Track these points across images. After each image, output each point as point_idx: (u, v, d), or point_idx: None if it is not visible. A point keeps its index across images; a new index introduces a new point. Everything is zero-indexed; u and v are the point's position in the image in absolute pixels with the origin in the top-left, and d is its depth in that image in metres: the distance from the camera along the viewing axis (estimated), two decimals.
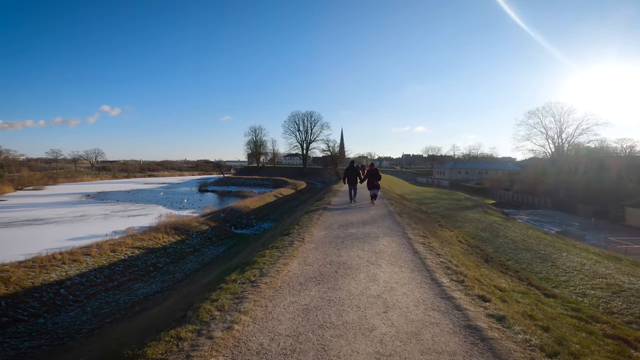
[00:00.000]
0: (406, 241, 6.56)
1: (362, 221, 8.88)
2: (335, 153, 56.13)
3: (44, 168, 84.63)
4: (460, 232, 11.82)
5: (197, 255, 16.46)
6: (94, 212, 35.85)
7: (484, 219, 16.05)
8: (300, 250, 5.88)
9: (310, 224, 8.52)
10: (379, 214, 10.20)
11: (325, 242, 6.52)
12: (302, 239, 6.70)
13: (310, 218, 9.50)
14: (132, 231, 22.20)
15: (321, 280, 4.37)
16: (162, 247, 15.92)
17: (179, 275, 13.91)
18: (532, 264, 8.58)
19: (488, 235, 12.26)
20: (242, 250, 15.51)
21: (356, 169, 12.98)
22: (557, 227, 26.06)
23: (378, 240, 6.63)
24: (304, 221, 9.01)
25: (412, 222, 8.93)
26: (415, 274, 4.60)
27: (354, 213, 10.40)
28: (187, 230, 18.96)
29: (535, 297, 4.40)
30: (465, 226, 14.02)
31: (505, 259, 8.74)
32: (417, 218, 11.16)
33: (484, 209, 22.21)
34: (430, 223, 11.73)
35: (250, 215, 27.63)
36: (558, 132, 40.75)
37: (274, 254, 5.63)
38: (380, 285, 4.23)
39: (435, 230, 10.17)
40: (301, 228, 8.01)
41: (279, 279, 4.40)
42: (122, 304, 11.10)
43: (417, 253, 5.69)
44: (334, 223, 8.59)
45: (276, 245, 6.45)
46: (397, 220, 8.84)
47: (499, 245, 10.85)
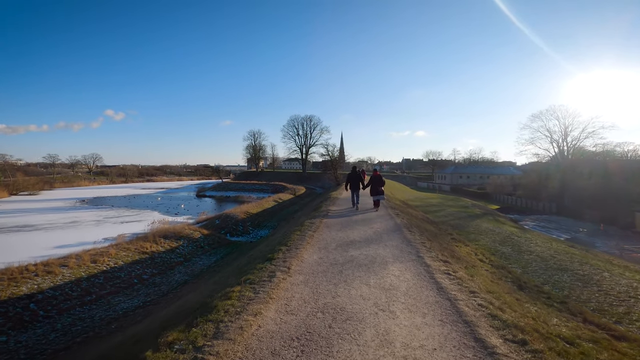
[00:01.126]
0: (424, 269, 5.14)
1: (365, 238, 7.43)
2: (334, 158, 55.15)
3: (41, 173, 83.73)
4: (478, 247, 10.62)
5: (187, 266, 15.45)
6: (86, 218, 34.87)
7: (498, 230, 14.82)
8: (283, 287, 4.41)
9: (302, 243, 7.06)
10: (385, 227, 8.78)
11: (318, 271, 5.09)
12: (288, 268, 5.24)
13: (302, 234, 8.06)
14: (122, 238, 21.26)
15: (307, 346, 2.91)
16: (149, 257, 14.93)
17: (165, 288, 12.91)
18: (573, 288, 7.14)
19: (510, 251, 10.95)
20: (231, 262, 14.53)
21: (359, 174, 12.58)
22: (565, 234, 25.04)
23: (387, 268, 5.18)
24: (294, 239, 7.46)
25: (424, 239, 7.54)
26: (448, 329, 3.17)
27: (356, 227, 8.87)
28: (178, 238, 17.97)
29: (608, 345, 3.39)
30: (480, 239, 12.77)
31: (540, 283, 7.41)
32: (428, 232, 9.70)
33: (494, 217, 21.07)
34: (443, 237, 10.41)
35: (247, 222, 26.64)
36: (563, 136, 39.87)
37: (244, 295, 4.12)
38: (397, 352, 2.82)
39: (451, 246, 8.79)
40: (289, 250, 6.52)
41: (240, 344, 2.93)
42: (98, 321, 10.10)
43: (442, 290, 4.23)
44: (331, 241, 7.14)
45: (251, 277, 4.89)
46: (407, 237, 7.44)
47: (526, 263, 9.65)
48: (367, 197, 15.37)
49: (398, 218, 10.43)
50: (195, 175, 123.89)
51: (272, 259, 5.97)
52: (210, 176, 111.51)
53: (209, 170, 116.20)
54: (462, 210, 22.41)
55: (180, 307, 6.29)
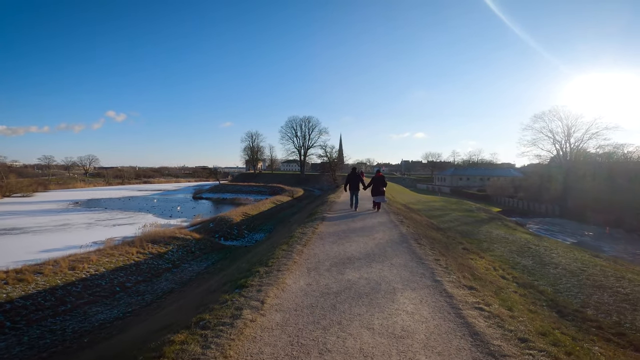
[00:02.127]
0: (445, 301, 3.87)
1: (365, 253, 6.15)
2: (332, 159, 54.30)
3: (36, 174, 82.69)
4: (495, 259, 9.55)
5: (175, 273, 14.55)
6: (77, 220, 33.91)
7: (512, 237, 13.67)
8: (248, 335, 3.08)
9: (288, 261, 5.65)
10: (389, 238, 7.52)
11: (302, 306, 3.78)
12: (262, 302, 3.84)
13: (290, 249, 6.62)
14: (111, 242, 20.39)
15: None
16: (134, 264, 14.02)
17: (148, 297, 12.01)
18: (623, 312, 5.67)
19: (531, 264, 9.66)
20: (225, 268, 13.67)
21: (358, 175, 12.37)
22: (571, 238, 24.25)
23: (396, 300, 3.94)
24: (278, 256, 6.08)
25: (437, 254, 6.33)
26: None
27: (354, 238, 7.55)
28: (167, 243, 17.07)
29: None
30: (494, 248, 11.56)
31: (580, 305, 6.16)
32: (439, 244, 8.42)
33: (502, 222, 20.06)
34: (455, 248, 9.37)
35: (242, 226, 25.76)
36: (566, 137, 39.14)
37: (187, 351, 2.76)
38: None
39: (466, 261, 7.58)
40: (269, 272, 5.08)
41: None
42: (70, 333, 9.23)
43: (478, 337, 3.02)
44: (324, 259, 5.82)
45: (207, 318, 3.48)
46: (416, 252, 6.24)
47: (554, 279, 8.39)
48: (365, 200, 14.76)
49: (403, 226, 9.26)
50: (193, 177, 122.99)
51: (243, 286, 4.52)
52: (208, 178, 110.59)
53: (206, 172, 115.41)
54: (467, 215, 21.38)
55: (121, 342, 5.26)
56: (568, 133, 38.79)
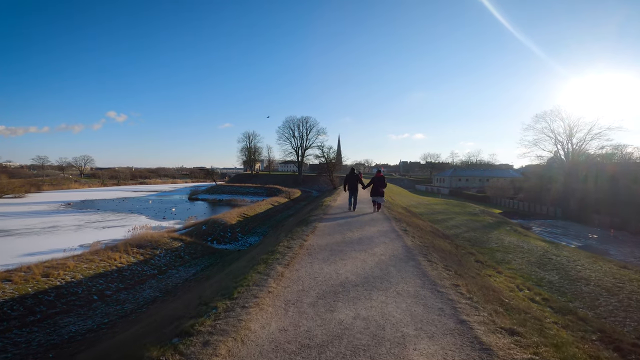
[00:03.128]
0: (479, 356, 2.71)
1: (364, 277, 4.89)
2: (330, 160, 53.36)
3: (29, 175, 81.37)
4: (514, 274, 8.40)
5: (161, 280, 13.65)
6: (67, 222, 32.88)
7: (526, 246, 12.51)
8: None
9: (261, 291, 4.29)
10: (392, 253, 6.35)
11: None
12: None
13: (267, 271, 5.19)
14: (98, 245, 19.50)
15: None
16: (116, 270, 13.12)
17: (128, 306, 11.11)
18: None
19: (558, 279, 8.46)
20: (212, 275, 12.79)
21: (357, 176, 12.40)
22: (575, 241, 23.53)
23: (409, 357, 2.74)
24: (251, 281, 4.69)
25: (453, 275, 5.17)
26: None
27: (350, 253, 6.32)
28: (155, 247, 16.17)
29: None
30: (511, 260, 10.31)
31: (635, 337, 5.05)
32: (451, 259, 7.18)
33: (511, 227, 18.99)
34: (467, 261, 8.22)
35: (236, 228, 24.85)
36: (568, 137, 38.42)
37: None
38: None
39: (482, 278, 6.49)
40: (231, 309, 3.69)
41: None
42: (35, 347, 8.35)
43: None
44: (311, 286, 4.52)
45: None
46: (427, 273, 5.04)
47: (590, 300, 7.05)
48: (365, 203, 14.13)
49: (407, 237, 8.04)
50: (190, 178, 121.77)
51: (186, 333, 3.14)
52: (205, 179, 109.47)
53: (203, 172, 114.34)
54: (472, 219, 20.46)
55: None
56: (570, 133, 38.13)
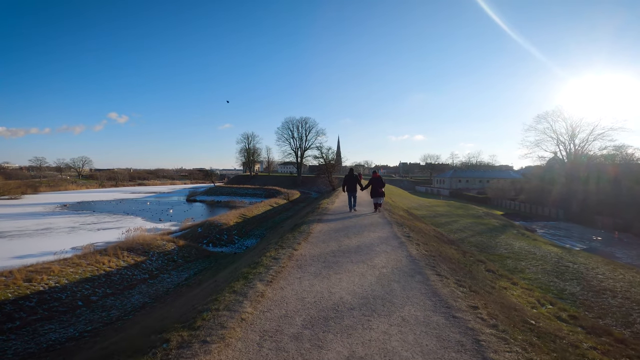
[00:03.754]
0: None
1: (362, 297, 4.00)
2: (329, 160, 52.78)
3: (26, 176, 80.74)
4: (531, 284, 7.49)
5: (151, 284, 13.10)
6: (61, 224, 32.30)
7: (538, 252, 11.61)
8: None
9: (232, 317, 3.37)
10: (395, 265, 5.42)
11: None
12: None
13: (246, 288, 4.25)
14: (90, 248, 18.96)
15: None
16: (104, 274, 12.57)
17: (115, 312, 10.57)
18: None
19: (580, 290, 7.59)
20: (204, 280, 12.25)
21: (356, 177, 12.52)
22: (579, 243, 22.99)
23: None
24: (222, 304, 3.75)
25: (467, 292, 4.37)
26: None
27: (346, 266, 5.36)
28: (146, 251, 15.62)
29: None
30: (523, 267, 9.45)
31: None
32: (462, 270, 6.35)
33: (518, 230, 18.23)
34: (477, 270, 7.32)
35: (232, 231, 24.29)
36: (570, 138, 37.90)
37: None
38: None
39: (499, 292, 5.66)
40: (187, 345, 2.82)
41: None
42: (10, 356, 7.85)
43: None
44: (296, 310, 3.62)
45: None
46: (438, 291, 4.17)
47: (622, 315, 6.20)
48: (363, 206, 13.83)
49: (411, 244, 7.13)
50: (189, 179, 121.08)
51: None
52: (204, 180, 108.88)
53: (202, 174, 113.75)
54: (477, 222, 19.79)
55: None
56: (572, 134, 37.62)
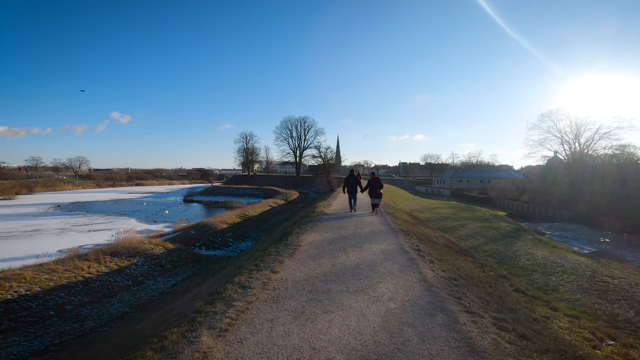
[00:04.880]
0: None
1: (362, 357, 2.54)
2: (327, 160, 51.76)
3: (21, 176, 79.73)
4: (572, 308, 6.16)
5: (134, 292, 12.16)
6: (51, 225, 31.35)
7: (564, 262, 10.18)
8: None
9: None
10: (407, 296, 3.91)
11: None
12: None
13: (187, 342, 2.74)
14: (76, 251, 18.05)
15: None
16: (82, 281, 11.64)
17: (90, 324, 9.63)
18: None
19: (635, 316, 6.15)
20: (191, 288, 11.31)
21: (356, 178, 12.36)
22: (587, 245, 22.09)
23: None
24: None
25: (516, 339, 2.92)
26: None
27: (341, 299, 3.83)
28: (132, 255, 14.69)
29: None
30: (556, 285, 8.01)
31: None
32: (494, 299, 4.64)
33: (533, 235, 16.94)
34: (503, 290, 5.92)
35: (227, 233, 23.37)
36: (575, 137, 36.93)
37: None
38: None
39: (537, 322, 4.22)
40: None
41: None
42: None
43: None
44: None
45: None
46: (474, 343, 2.73)
47: None
48: (363, 209, 13.17)
49: (424, 262, 5.50)
50: (187, 179, 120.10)
51: None
52: (203, 180, 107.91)
53: (200, 174, 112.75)
54: (486, 226, 18.63)
55: None
56: (577, 133, 36.72)
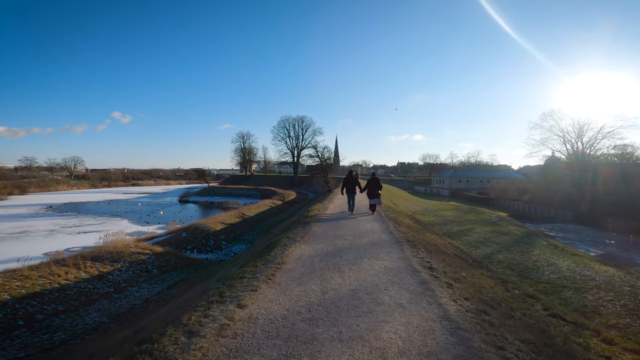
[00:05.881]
0: None
1: None
2: (324, 160, 50.87)
3: (14, 177, 78.47)
4: (629, 339, 4.98)
5: (115, 300, 11.30)
6: (40, 227, 30.37)
7: (594, 275, 9.04)
8: None
9: None
10: (423, 346, 2.73)
11: None
12: None
13: None
14: (61, 254, 17.19)
15: None
16: (58, 288, 10.78)
17: (61, 335, 8.78)
18: None
19: None
20: (177, 295, 10.49)
21: (355, 178, 12.20)
22: (593, 247, 21.39)
23: None
24: None
25: None
26: None
27: (331, 354, 2.59)
28: (115, 260, 13.81)
29: None
30: (594, 304, 6.91)
31: None
32: (527, 327, 3.75)
33: (547, 241, 16.09)
34: (535, 313, 4.85)
35: (220, 235, 22.49)
36: (577, 136, 36.29)
37: None
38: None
39: None
40: None
41: None
42: None
43: None
44: None
45: None
46: None
47: None
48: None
49: (440, 287, 4.31)
50: (185, 180, 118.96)
51: None
52: (200, 180, 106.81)
53: (197, 174, 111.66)
54: (495, 231, 17.54)
55: None
56: (580, 132, 36.11)
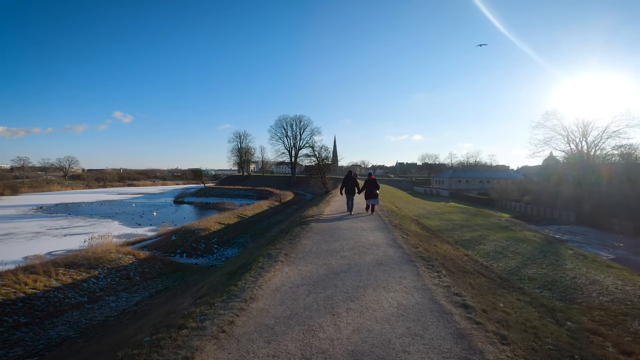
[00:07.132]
0: None
1: None
2: (321, 159, 49.75)
3: (6, 177, 77.02)
4: None
5: (88, 310, 10.24)
6: (26, 229, 29.19)
7: (634, 290, 7.88)
8: None
9: None
10: None
11: None
12: None
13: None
14: (41, 259, 16.18)
15: None
16: (23, 298, 9.72)
17: (19, 351, 7.77)
18: None
19: None
20: (157, 306, 9.45)
21: (354, 179, 12.13)
22: (602, 251, 20.46)
23: None
24: None
25: None
26: None
27: None
28: (92, 266, 12.73)
29: None
30: None
31: None
32: None
33: (571, 248, 14.91)
34: None
35: (212, 238, 21.41)
36: (581, 136, 35.43)
37: None
38: None
39: None
40: None
41: None
42: None
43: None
44: None
45: None
46: None
47: None
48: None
49: (487, 340, 2.82)
50: (181, 180, 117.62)
51: None
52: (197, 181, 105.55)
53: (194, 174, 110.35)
54: (511, 237, 16.35)
55: None
56: (584, 131, 35.25)
